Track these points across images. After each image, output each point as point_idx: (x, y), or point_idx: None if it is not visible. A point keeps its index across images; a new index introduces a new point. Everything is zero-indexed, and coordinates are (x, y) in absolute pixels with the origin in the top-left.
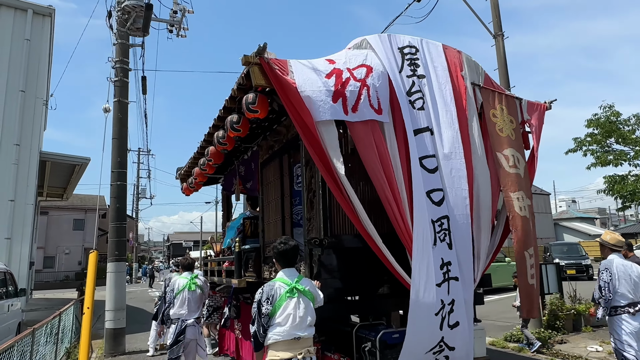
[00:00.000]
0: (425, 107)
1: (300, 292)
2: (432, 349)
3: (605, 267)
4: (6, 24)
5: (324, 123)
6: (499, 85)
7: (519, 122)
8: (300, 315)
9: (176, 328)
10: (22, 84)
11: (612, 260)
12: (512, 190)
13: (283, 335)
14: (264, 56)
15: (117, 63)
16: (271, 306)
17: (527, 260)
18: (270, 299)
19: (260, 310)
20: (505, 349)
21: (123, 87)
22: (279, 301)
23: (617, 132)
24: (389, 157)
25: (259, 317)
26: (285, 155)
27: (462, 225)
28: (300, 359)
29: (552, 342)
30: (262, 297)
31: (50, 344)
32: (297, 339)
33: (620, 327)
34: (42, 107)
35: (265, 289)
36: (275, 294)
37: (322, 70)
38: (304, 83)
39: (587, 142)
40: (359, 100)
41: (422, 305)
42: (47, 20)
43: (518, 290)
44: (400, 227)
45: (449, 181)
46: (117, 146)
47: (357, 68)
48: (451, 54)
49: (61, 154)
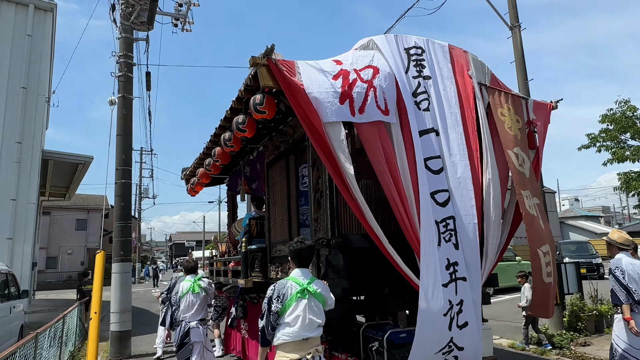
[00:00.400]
0: (430, 108)
1: (311, 294)
2: (441, 349)
3: (616, 265)
4: (7, 19)
5: (332, 124)
6: (505, 85)
7: (524, 121)
8: (310, 317)
9: (181, 330)
10: (23, 80)
11: (620, 259)
12: (522, 188)
13: (292, 337)
14: (272, 57)
15: (121, 58)
16: (281, 304)
17: (541, 259)
18: (281, 298)
19: (270, 307)
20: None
21: (127, 82)
22: (289, 301)
23: (634, 128)
24: (396, 158)
25: (268, 314)
26: (291, 155)
27: (469, 225)
28: (310, 358)
29: (575, 344)
30: (273, 295)
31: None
32: (306, 340)
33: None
34: (44, 105)
35: (277, 287)
36: (287, 293)
37: (329, 71)
38: (311, 84)
39: (601, 138)
40: (365, 101)
41: (431, 306)
42: (48, 15)
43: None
44: (407, 227)
45: (454, 182)
46: (122, 143)
47: (364, 69)
48: (457, 54)
49: (63, 152)
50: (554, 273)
